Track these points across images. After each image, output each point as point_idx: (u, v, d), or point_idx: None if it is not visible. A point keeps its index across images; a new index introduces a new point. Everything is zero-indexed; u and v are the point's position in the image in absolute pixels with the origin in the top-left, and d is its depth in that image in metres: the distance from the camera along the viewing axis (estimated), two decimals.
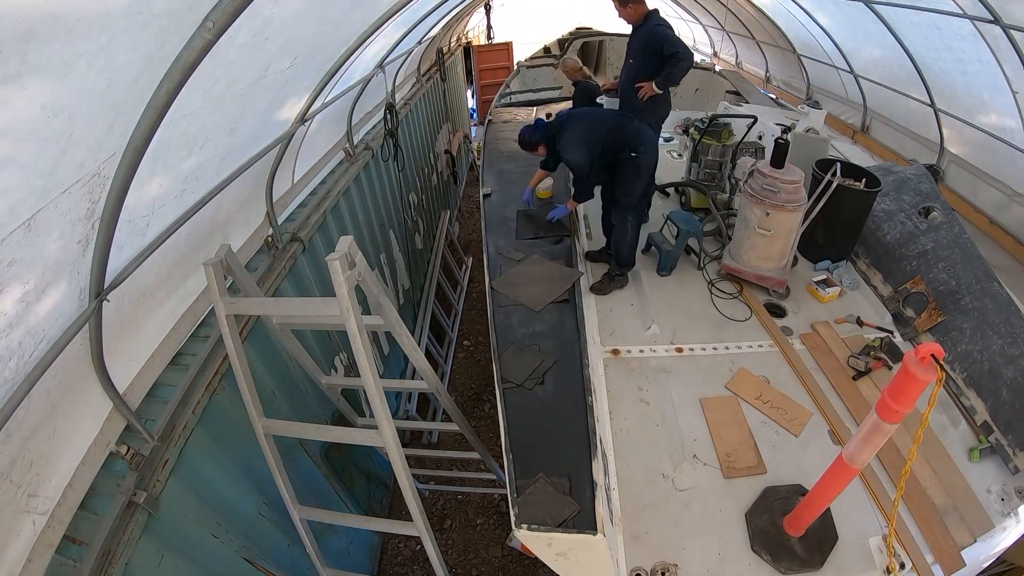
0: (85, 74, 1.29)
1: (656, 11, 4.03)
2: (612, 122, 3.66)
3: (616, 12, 4.10)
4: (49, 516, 1.78)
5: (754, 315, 3.79)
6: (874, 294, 4.00)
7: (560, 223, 4.07)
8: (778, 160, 3.79)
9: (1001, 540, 2.63)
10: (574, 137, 3.55)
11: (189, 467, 2.36)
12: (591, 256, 4.22)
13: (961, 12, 4.18)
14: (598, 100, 4.77)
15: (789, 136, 4.34)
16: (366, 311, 2.53)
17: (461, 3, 6.87)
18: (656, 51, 3.85)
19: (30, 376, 1.59)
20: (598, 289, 3.88)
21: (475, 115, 14.39)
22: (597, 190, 3.95)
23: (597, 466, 2.25)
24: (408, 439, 5.33)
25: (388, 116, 5.57)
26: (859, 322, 3.73)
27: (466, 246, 9.00)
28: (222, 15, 1.48)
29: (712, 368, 3.35)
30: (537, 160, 4.03)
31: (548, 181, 4.31)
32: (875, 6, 5.33)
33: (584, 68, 5.53)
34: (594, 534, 2.00)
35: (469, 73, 13.68)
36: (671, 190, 5.31)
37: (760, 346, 3.53)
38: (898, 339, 3.59)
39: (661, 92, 3.99)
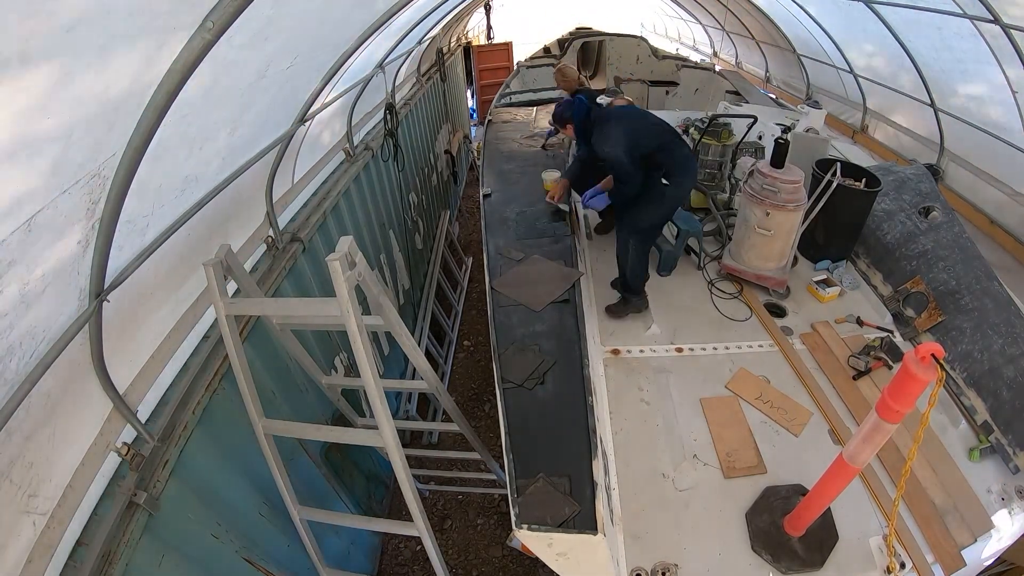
0: (85, 74, 1.29)
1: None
2: (664, 139, 3.40)
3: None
4: (49, 516, 1.78)
5: (754, 315, 3.79)
6: (874, 294, 4.01)
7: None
8: (778, 160, 3.79)
9: (1001, 540, 2.63)
10: (617, 133, 3.29)
11: (189, 467, 2.36)
12: (615, 284, 4.00)
13: (961, 12, 4.18)
14: (598, 100, 4.76)
15: (789, 136, 4.34)
16: (366, 311, 2.53)
17: (461, 3, 6.87)
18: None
19: (30, 376, 1.59)
20: (614, 312, 3.72)
21: (475, 115, 14.37)
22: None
23: (597, 466, 2.25)
24: (408, 439, 5.33)
25: (388, 116, 5.57)
26: (859, 322, 3.73)
27: (466, 246, 9.00)
28: (222, 15, 1.48)
29: (712, 368, 3.35)
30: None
31: (556, 174, 4.29)
32: (875, 6, 5.33)
33: (582, 76, 5.47)
34: (594, 534, 1.99)
35: (469, 73, 13.67)
36: None
37: (760, 346, 3.53)
38: (898, 339, 3.60)
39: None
